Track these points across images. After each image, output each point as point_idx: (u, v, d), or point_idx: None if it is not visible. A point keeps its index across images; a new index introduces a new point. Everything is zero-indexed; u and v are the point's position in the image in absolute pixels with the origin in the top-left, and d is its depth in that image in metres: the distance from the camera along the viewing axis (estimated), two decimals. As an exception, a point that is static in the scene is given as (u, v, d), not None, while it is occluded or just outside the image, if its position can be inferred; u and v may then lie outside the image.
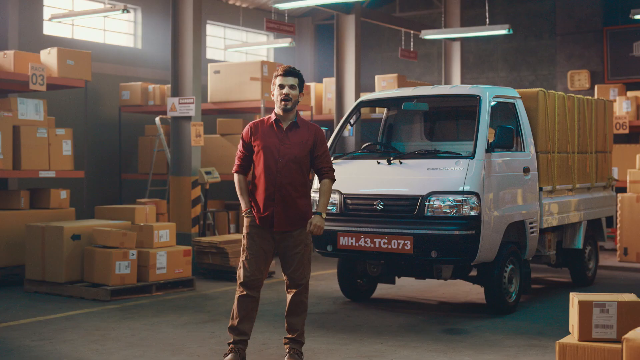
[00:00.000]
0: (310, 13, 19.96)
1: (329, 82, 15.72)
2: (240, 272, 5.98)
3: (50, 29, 14.24)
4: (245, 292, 5.94)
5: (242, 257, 6.00)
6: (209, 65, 13.36)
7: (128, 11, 11.84)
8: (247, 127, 6.10)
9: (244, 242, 6.03)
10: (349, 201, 8.22)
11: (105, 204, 13.64)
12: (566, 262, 9.99)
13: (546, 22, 18.04)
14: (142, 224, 9.71)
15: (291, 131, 5.98)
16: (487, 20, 14.46)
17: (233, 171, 6.12)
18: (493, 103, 8.32)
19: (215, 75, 13.25)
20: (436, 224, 7.70)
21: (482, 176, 7.75)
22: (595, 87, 15.47)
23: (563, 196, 9.39)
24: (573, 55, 17.61)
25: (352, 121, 8.98)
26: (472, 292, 9.55)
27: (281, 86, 5.91)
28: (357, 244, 8.01)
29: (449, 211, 7.69)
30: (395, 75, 15.53)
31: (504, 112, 8.79)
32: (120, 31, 15.76)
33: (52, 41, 13.55)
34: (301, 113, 15.64)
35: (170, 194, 11.57)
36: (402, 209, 7.91)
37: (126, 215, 10.07)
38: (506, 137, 7.87)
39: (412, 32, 17.09)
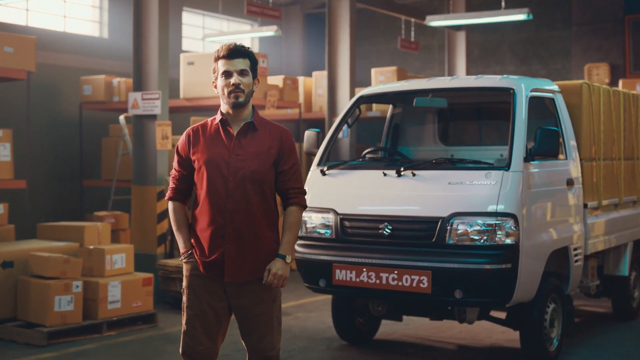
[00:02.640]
0: (298, 1, 18.16)
1: (320, 76, 13.93)
2: (181, 340, 4.21)
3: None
4: None
5: (183, 320, 4.22)
6: (182, 55, 11.55)
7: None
8: (183, 135, 4.29)
9: (183, 298, 4.24)
10: (347, 223, 6.43)
11: (63, 216, 11.89)
12: (607, 291, 8.24)
13: (560, 10, 16.29)
14: (91, 247, 7.90)
15: (246, 136, 4.18)
16: (503, 3, 12.68)
17: (166, 198, 4.33)
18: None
19: (189, 67, 11.43)
20: (461, 255, 5.93)
21: (520, 192, 5.98)
22: (620, 81, 13.73)
23: (609, 213, 7.64)
24: (590, 47, 15.88)
25: (350, 121, 7.20)
26: (495, 329, 7.78)
27: (227, 73, 4.09)
28: (357, 280, 6.23)
29: (477, 238, 5.92)
30: (395, 68, 13.76)
31: (539, 110, 7.03)
32: (84, 18, 13.90)
33: (1, 28, 11.69)
34: (288, 111, 13.93)
35: (133, 206, 9.75)
36: (417, 235, 6.13)
37: (74, 235, 8.25)
38: (550, 142, 6.11)
39: (412, 20, 15.29)
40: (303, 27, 18.44)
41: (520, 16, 11.91)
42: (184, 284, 4.26)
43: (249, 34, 14.60)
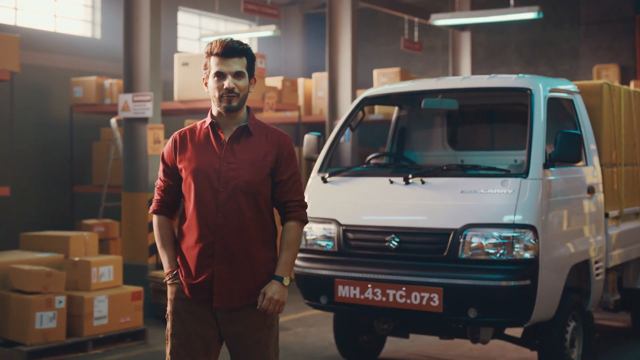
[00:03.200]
0: (298, 1, 17.67)
1: (320, 78, 13.41)
2: None
3: (-13, 13, 11.93)
4: None
5: (167, 349, 3.73)
6: (176, 55, 11.04)
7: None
8: (169, 140, 3.79)
9: (168, 324, 3.76)
10: (350, 235, 5.93)
11: (53, 224, 11.40)
12: (626, 305, 7.73)
13: (568, 9, 15.78)
14: (76, 259, 7.39)
15: (239, 142, 3.66)
16: (512, 1, 12.14)
17: (150, 211, 3.82)
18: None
19: (184, 68, 10.92)
20: (475, 271, 5.44)
21: (540, 202, 5.48)
22: (632, 83, 13.21)
23: (630, 222, 7.14)
24: (600, 48, 15.37)
25: (353, 124, 6.70)
26: (509, 346, 7.27)
27: (220, 75, 3.58)
28: (362, 297, 5.73)
29: (493, 252, 5.43)
30: (398, 69, 13.25)
31: (557, 112, 6.53)
32: (75, 18, 13.40)
33: (-13, 27, 11.22)
34: (287, 114, 13.42)
35: (123, 214, 9.24)
36: (426, 248, 5.64)
37: (59, 246, 7.73)
38: (572, 147, 5.62)
39: (416, 19, 14.78)
40: (303, 27, 17.96)
41: (530, 14, 11.36)
42: (168, 308, 3.79)
43: (246, 34, 14.09)
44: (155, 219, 3.79)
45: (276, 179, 3.67)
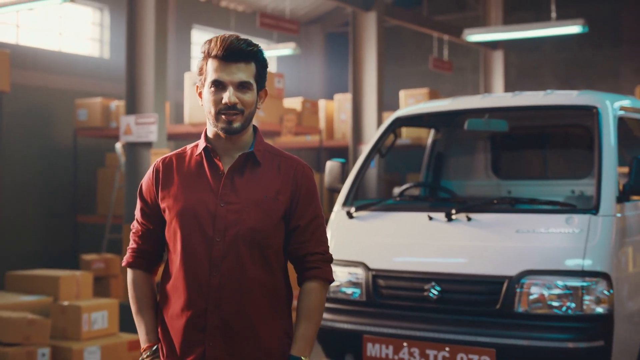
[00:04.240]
0: (319, 20, 16.86)
1: (343, 100, 12.51)
2: None
3: (-14, 31, 11.15)
4: None
5: None
6: (186, 74, 10.18)
7: (72, 0, 8.55)
8: (149, 170, 2.84)
9: None
10: (381, 282, 4.95)
11: (54, 258, 10.57)
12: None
13: (608, 27, 14.80)
14: (65, 303, 6.47)
15: (242, 174, 2.72)
16: (554, 14, 11.18)
17: (123, 264, 2.88)
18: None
19: (194, 89, 10.03)
20: (535, 329, 4.45)
21: (614, 244, 4.49)
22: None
23: None
24: (642, 67, 14.39)
25: (383, 149, 5.75)
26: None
27: (219, 84, 2.64)
28: (396, 357, 4.74)
29: (557, 305, 4.44)
30: (427, 90, 12.31)
31: (622, 134, 5.55)
32: (83, 37, 12.61)
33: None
34: (307, 138, 12.49)
35: (124, 249, 8.31)
36: (474, 300, 4.65)
37: (47, 287, 6.82)
38: (652, 177, 4.64)
39: (445, 37, 13.86)
40: (324, 46, 17.13)
41: (573, 28, 10.38)
42: (145, 393, 2.83)
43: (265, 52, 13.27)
44: (129, 274, 2.85)
45: (291, 225, 2.71)
